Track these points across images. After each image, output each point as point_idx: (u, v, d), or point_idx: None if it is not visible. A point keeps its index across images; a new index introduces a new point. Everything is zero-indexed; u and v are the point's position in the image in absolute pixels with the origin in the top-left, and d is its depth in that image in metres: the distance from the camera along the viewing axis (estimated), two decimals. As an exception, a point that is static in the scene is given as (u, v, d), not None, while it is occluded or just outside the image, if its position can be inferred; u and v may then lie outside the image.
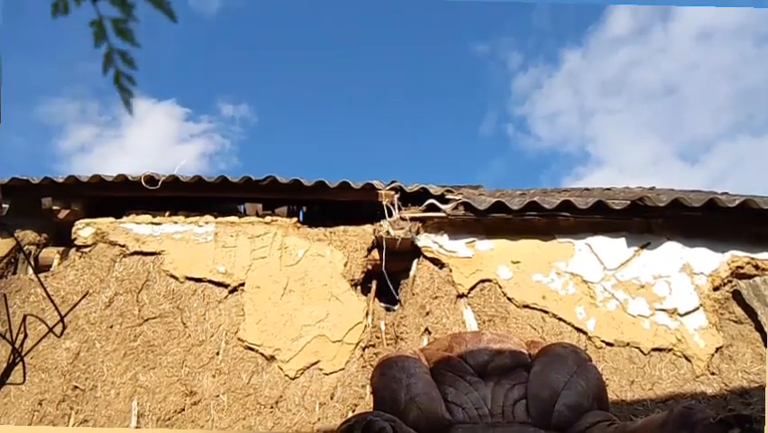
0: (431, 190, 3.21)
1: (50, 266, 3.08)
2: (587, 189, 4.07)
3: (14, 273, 3.06)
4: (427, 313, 2.87)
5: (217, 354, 2.73)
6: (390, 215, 3.05)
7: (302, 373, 2.70)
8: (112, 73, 0.77)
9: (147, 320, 2.81)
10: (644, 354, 2.72)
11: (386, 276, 2.97)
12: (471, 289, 2.92)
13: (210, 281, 2.93)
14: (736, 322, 2.82)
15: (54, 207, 3.12)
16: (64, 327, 2.78)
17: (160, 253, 3.00)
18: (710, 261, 2.98)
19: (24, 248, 3.07)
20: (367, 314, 2.89)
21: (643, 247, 3.04)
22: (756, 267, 2.92)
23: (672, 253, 3.01)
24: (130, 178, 3.13)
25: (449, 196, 3.20)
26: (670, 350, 2.73)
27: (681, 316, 2.83)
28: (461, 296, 2.91)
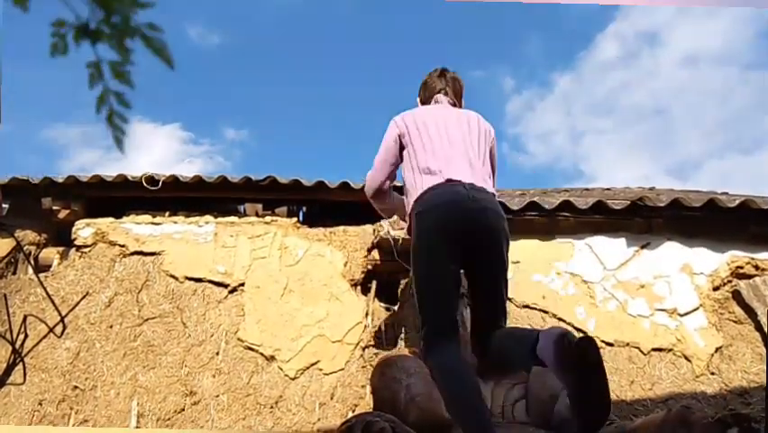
0: (431, 190, 3.20)
1: (50, 266, 3.08)
2: (587, 189, 4.08)
3: (14, 273, 3.06)
4: (427, 313, 2.87)
5: (217, 354, 2.73)
6: (390, 215, 3.05)
7: (302, 373, 2.69)
8: (105, 112, 0.78)
9: (147, 320, 2.81)
10: (644, 354, 2.72)
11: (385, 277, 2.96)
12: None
13: (210, 281, 2.93)
14: (735, 322, 2.82)
15: (54, 208, 3.12)
16: (64, 328, 2.78)
17: (159, 253, 3.00)
18: (710, 261, 2.98)
19: (24, 248, 3.08)
20: (367, 314, 2.89)
21: (643, 247, 3.04)
22: (756, 267, 2.92)
23: (672, 253, 3.01)
24: (130, 178, 3.13)
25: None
26: (670, 350, 2.73)
27: (681, 316, 2.83)
28: (461, 296, 2.91)
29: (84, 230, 3.07)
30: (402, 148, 2.15)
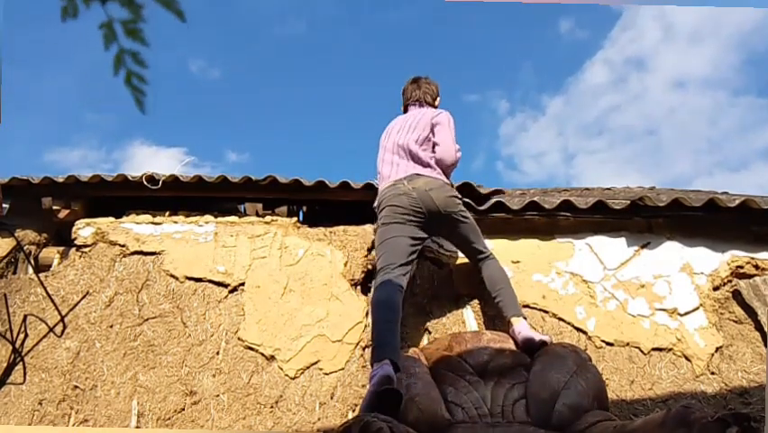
0: (431, 190, 3.20)
1: (50, 266, 3.08)
2: (587, 189, 4.07)
3: (14, 273, 3.06)
4: (427, 313, 2.87)
5: (217, 353, 2.73)
6: (390, 215, 3.05)
7: (302, 373, 2.69)
8: (123, 74, 0.78)
9: (147, 320, 2.81)
10: (644, 354, 2.72)
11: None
12: (472, 289, 2.92)
13: (210, 281, 2.93)
14: (735, 322, 2.82)
15: (54, 207, 3.13)
16: (64, 327, 2.78)
17: (160, 253, 3.00)
18: (710, 261, 2.98)
19: (24, 248, 3.08)
20: (367, 314, 2.89)
21: (643, 247, 3.04)
22: (756, 267, 2.92)
23: (672, 252, 3.01)
24: (130, 178, 3.13)
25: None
26: (670, 350, 2.73)
27: (681, 315, 2.83)
28: (461, 296, 2.91)
29: (84, 230, 3.07)
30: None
